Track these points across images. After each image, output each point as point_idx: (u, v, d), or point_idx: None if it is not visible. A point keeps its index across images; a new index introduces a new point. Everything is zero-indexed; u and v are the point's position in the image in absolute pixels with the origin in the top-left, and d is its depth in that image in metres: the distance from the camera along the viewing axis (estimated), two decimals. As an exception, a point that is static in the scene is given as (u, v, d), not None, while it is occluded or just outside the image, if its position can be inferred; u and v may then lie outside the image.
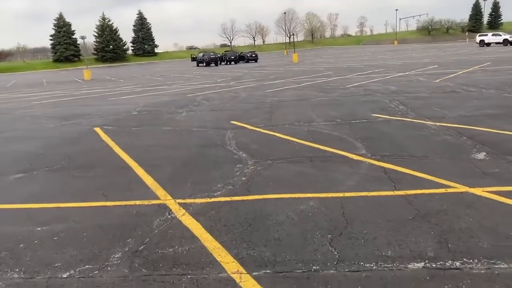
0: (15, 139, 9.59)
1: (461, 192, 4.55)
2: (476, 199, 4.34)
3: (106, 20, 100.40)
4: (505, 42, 58.88)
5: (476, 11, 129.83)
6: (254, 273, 3.12)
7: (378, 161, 5.92)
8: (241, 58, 58.76)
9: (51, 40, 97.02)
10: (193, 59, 62.24)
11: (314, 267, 3.17)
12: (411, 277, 2.94)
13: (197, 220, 4.18)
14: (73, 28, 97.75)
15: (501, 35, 61.85)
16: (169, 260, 3.42)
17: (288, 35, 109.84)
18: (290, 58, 53.38)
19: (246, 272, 3.14)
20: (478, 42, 62.52)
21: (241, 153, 6.88)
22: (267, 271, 3.15)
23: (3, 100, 21.52)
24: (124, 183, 5.64)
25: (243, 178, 5.51)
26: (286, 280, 3.00)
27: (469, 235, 3.52)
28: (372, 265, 3.14)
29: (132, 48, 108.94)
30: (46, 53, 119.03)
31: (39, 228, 4.23)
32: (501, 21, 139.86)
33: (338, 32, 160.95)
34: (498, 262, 3.07)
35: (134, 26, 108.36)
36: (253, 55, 58.36)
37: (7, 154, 7.99)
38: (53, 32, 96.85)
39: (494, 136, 7.02)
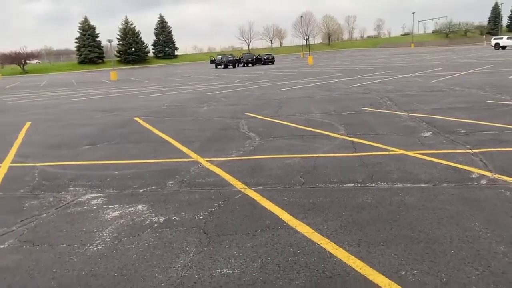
0: (74, 125, 12.02)
1: (398, 154, 6.68)
2: (405, 157, 6.48)
3: (129, 24, 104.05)
4: (520, 45, 59.78)
5: (495, 13, 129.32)
6: (253, 188, 5.33)
7: (350, 137, 8.08)
8: (258, 60, 60.98)
9: (76, 42, 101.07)
10: (212, 61, 64.83)
11: (288, 186, 5.37)
12: (345, 190, 5.11)
13: (219, 167, 6.41)
14: (96, 31, 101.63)
15: (516, 39, 62.65)
16: (202, 184, 5.66)
17: (305, 38, 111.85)
18: (305, 61, 55.45)
19: (248, 188, 5.35)
20: (493, 45, 63.47)
21: (251, 133, 9.10)
22: (260, 187, 5.35)
23: (45, 97, 24.22)
24: (167, 150, 7.93)
25: (251, 148, 7.73)
26: (271, 190, 5.20)
27: (388, 173, 5.67)
28: (322, 186, 5.32)
29: (153, 50, 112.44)
30: (69, 55, 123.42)
31: (116, 172, 6.53)
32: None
33: (356, 34, 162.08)
34: (399, 184, 5.21)
35: (155, 29, 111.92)
36: (270, 58, 60.58)
37: (73, 135, 10.38)
38: (78, 35, 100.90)
39: (446, 121, 9.09)
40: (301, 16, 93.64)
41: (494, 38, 65.48)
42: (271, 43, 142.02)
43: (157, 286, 3.15)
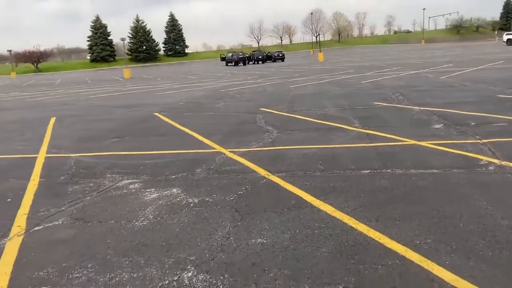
0: (97, 120, 12.57)
1: (411, 144, 7.08)
2: (418, 147, 6.87)
3: (140, 22, 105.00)
4: (534, 41, 59.40)
5: (508, 9, 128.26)
6: (276, 174, 5.78)
7: (365, 129, 8.49)
8: (268, 57, 61.44)
9: (88, 41, 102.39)
10: (222, 59, 65.41)
11: (308, 172, 5.80)
12: (362, 176, 5.53)
13: (242, 157, 6.87)
14: (108, 29, 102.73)
15: (529, 34, 62.24)
16: (229, 171, 6.12)
17: (315, 35, 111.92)
18: (316, 58, 55.70)
19: (272, 174, 5.80)
20: (505, 41, 63.12)
21: (268, 127, 9.55)
22: (282, 174, 5.80)
23: (63, 94, 24.89)
24: (190, 142, 8.40)
25: (270, 140, 8.17)
26: (292, 176, 5.64)
27: (402, 161, 6.07)
28: (341, 172, 5.74)
29: (164, 48, 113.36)
30: (79, 54, 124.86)
31: (147, 161, 7.02)
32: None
33: (366, 31, 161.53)
34: (412, 170, 5.62)
35: (165, 27, 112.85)
36: (280, 55, 60.99)
37: (98, 129, 10.91)
38: (89, 33, 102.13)
39: (457, 115, 9.44)
40: (311, 13, 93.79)
41: (506, 34, 65.10)
42: (281, 40, 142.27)
43: (201, 252, 3.61)
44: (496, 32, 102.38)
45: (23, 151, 8.59)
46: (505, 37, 63.71)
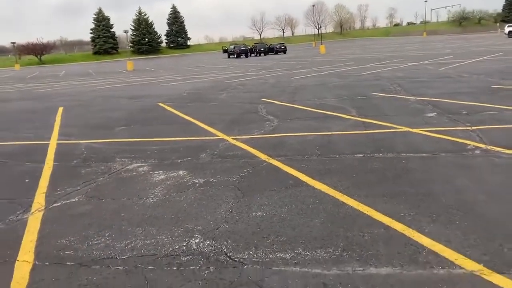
0: (104, 110, 12.96)
1: (404, 131, 7.45)
2: (410, 133, 7.24)
3: (142, 14, 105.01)
4: (534, 32, 59.38)
5: (510, 0, 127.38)
6: (276, 158, 6.16)
7: (361, 118, 8.85)
8: (270, 50, 61.55)
9: (91, 33, 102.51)
10: (225, 51, 65.69)
11: (306, 157, 6.19)
12: (356, 159, 5.91)
13: (244, 143, 7.25)
14: (110, 22, 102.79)
15: (530, 26, 62.16)
16: (231, 155, 6.51)
17: (317, 27, 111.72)
18: (317, 50, 55.83)
19: (272, 158, 6.19)
20: (506, 33, 63.08)
21: (269, 116, 9.92)
22: (282, 158, 6.18)
23: (68, 86, 25.28)
24: (195, 130, 8.79)
25: (271, 128, 8.55)
26: (291, 160, 6.03)
27: (394, 146, 6.45)
28: (336, 156, 6.12)
29: (166, 41, 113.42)
30: (82, 46, 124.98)
31: (153, 147, 7.41)
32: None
33: (368, 23, 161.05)
34: (403, 154, 5.99)
35: (168, 19, 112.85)
36: (282, 47, 61.09)
37: (105, 118, 11.31)
38: (92, 26, 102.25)
39: (451, 104, 9.79)
40: (313, 5, 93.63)
41: (508, 26, 65.00)
42: (283, 32, 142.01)
43: (207, 223, 4.02)
44: (498, 24, 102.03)
45: (34, 138, 8.99)
46: (507, 29, 63.67)
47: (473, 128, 7.31)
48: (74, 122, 10.88)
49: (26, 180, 5.88)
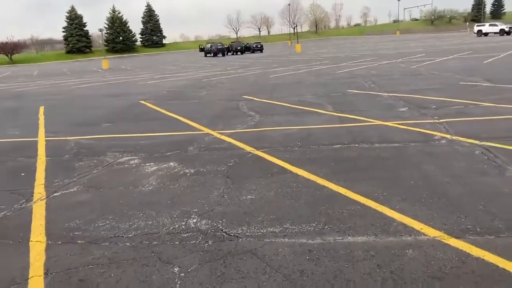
0: (85, 108, 13.15)
1: (378, 124, 8.01)
2: (383, 126, 7.80)
3: (116, 13, 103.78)
4: (502, 32, 61.54)
5: (479, 1, 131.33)
6: (260, 150, 6.61)
7: (337, 113, 9.39)
8: (247, 48, 61.97)
9: (63, 32, 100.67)
10: (201, 49, 65.68)
11: (288, 148, 6.65)
12: (334, 149, 6.41)
13: (229, 137, 7.67)
14: (83, 20, 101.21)
15: (497, 25, 64.36)
16: (218, 148, 6.92)
17: (293, 26, 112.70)
18: (293, 49, 56.57)
19: (256, 150, 6.63)
20: (476, 32, 65.23)
21: (251, 112, 10.35)
22: (266, 149, 6.63)
23: (44, 85, 25.09)
24: (180, 126, 9.15)
25: (253, 123, 8.99)
26: (275, 151, 6.48)
27: (369, 137, 6.98)
28: (315, 147, 6.61)
29: (141, 39, 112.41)
30: (53, 45, 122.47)
31: (142, 142, 7.75)
32: (504, 11, 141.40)
33: (343, 22, 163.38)
34: (376, 144, 6.53)
35: (142, 18, 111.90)
36: (259, 46, 61.61)
37: (89, 115, 11.53)
38: (65, 24, 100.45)
39: (421, 99, 10.44)
40: (288, 4, 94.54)
41: (477, 25, 67.18)
42: (259, 31, 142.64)
43: (202, 206, 4.43)
44: (468, 23, 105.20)
45: (21, 135, 9.18)
46: (476, 28, 65.78)
47: (440, 120, 7.92)
48: (59, 120, 11.06)
49: (22, 174, 6.15)
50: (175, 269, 3.21)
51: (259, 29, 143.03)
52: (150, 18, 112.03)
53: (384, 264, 3.11)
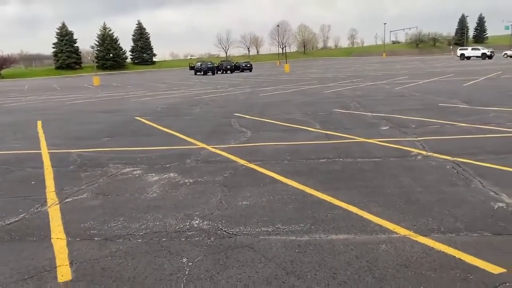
0: (83, 123, 13.63)
1: (361, 141, 8.67)
2: (366, 143, 8.46)
3: (107, 30, 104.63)
4: (483, 56, 63.71)
5: (462, 25, 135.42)
6: (253, 163, 7.19)
7: (324, 130, 10.05)
8: (236, 67, 63.04)
9: (53, 48, 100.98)
10: (191, 68, 66.40)
11: (278, 161, 7.25)
12: (320, 163, 7.01)
13: (223, 151, 8.25)
14: (74, 37, 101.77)
15: (479, 49, 66.65)
16: (213, 161, 7.48)
17: (281, 46, 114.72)
18: (282, 69, 57.76)
19: (249, 163, 7.21)
20: (458, 55, 67.38)
21: (243, 128, 10.96)
22: (258, 162, 7.21)
23: (38, 101, 25.46)
24: (176, 140, 9.71)
25: (245, 138, 9.59)
26: (266, 164, 7.06)
27: (352, 153, 7.62)
28: (304, 160, 7.21)
29: (131, 56, 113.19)
30: (41, 60, 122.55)
31: (141, 155, 8.27)
32: (486, 35, 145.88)
33: (330, 43, 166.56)
34: (359, 159, 7.16)
35: (133, 35, 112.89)
36: (248, 65, 62.76)
37: (87, 130, 12.02)
38: (55, 40, 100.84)
39: (402, 119, 11.18)
40: (278, 25, 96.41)
41: (460, 49, 69.44)
42: (248, 50, 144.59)
43: (202, 210, 4.97)
44: (451, 47, 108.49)
45: (24, 148, 9.63)
46: (459, 52, 67.96)
47: (418, 138, 8.62)
48: (58, 134, 11.53)
49: (33, 182, 6.63)
50: (184, 259, 3.74)
51: (248, 48, 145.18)
52: (141, 35, 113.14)
53: (361, 255, 3.69)
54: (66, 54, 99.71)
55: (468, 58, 64.53)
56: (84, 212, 5.11)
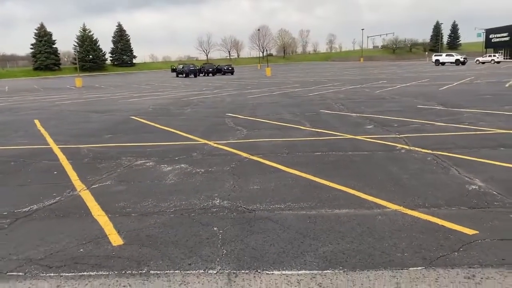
0: (80, 122, 14.12)
1: (350, 138, 9.53)
2: (354, 139, 9.33)
3: (87, 31, 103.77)
4: (457, 62, 66.07)
5: (437, 32, 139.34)
6: (255, 156, 7.94)
7: (315, 128, 10.89)
8: (218, 70, 63.73)
9: (31, 48, 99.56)
10: (173, 70, 66.88)
11: (278, 154, 8.02)
12: (315, 155, 7.82)
13: (224, 146, 8.97)
14: (53, 37, 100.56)
15: (453, 56, 69.05)
16: (218, 154, 8.20)
17: (262, 50, 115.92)
18: (263, 72, 58.71)
19: (252, 156, 7.96)
20: (433, 61, 69.69)
21: (238, 127, 11.71)
22: (260, 155, 7.97)
23: (25, 101, 25.59)
24: (177, 137, 10.38)
25: (242, 135, 10.34)
26: (267, 157, 7.82)
27: (343, 147, 8.46)
28: (301, 153, 8.01)
29: (111, 58, 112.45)
30: (16, 61, 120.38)
31: (149, 149, 8.93)
32: (459, 42, 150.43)
33: (309, 48, 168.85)
34: (349, 152, 8.00)
35: (113, 37, 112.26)
36: (230, 68, 63.53)
37: (87, 128, 12.55)
38: (33, 41, 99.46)
39: (385, 119, 12.12)
40: (258, 29, 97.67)
41: (435, 55, 71.82)
42: (229, 54, 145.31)
43: (220, 192, 5.70)
44: (427, 53, 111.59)
45: (33, 144, 10.14)
46: (434, 58, 70.30)
47: (401, 135, 9.53)
48: (60, 132, 12.03)
49: (55, 172, 7.22)
50: (215, 228, 4.47)
51: (229, 51, 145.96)
52: (121, 37, 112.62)
53: (362, 223, 4.49)
54: (44, 55, 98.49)
55: (443, 64, 66.81)
56: (113, 196, 5.77)
